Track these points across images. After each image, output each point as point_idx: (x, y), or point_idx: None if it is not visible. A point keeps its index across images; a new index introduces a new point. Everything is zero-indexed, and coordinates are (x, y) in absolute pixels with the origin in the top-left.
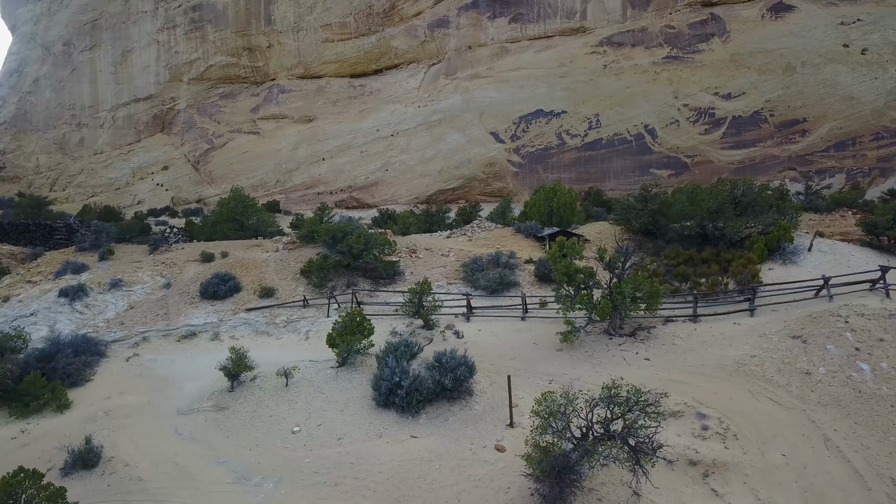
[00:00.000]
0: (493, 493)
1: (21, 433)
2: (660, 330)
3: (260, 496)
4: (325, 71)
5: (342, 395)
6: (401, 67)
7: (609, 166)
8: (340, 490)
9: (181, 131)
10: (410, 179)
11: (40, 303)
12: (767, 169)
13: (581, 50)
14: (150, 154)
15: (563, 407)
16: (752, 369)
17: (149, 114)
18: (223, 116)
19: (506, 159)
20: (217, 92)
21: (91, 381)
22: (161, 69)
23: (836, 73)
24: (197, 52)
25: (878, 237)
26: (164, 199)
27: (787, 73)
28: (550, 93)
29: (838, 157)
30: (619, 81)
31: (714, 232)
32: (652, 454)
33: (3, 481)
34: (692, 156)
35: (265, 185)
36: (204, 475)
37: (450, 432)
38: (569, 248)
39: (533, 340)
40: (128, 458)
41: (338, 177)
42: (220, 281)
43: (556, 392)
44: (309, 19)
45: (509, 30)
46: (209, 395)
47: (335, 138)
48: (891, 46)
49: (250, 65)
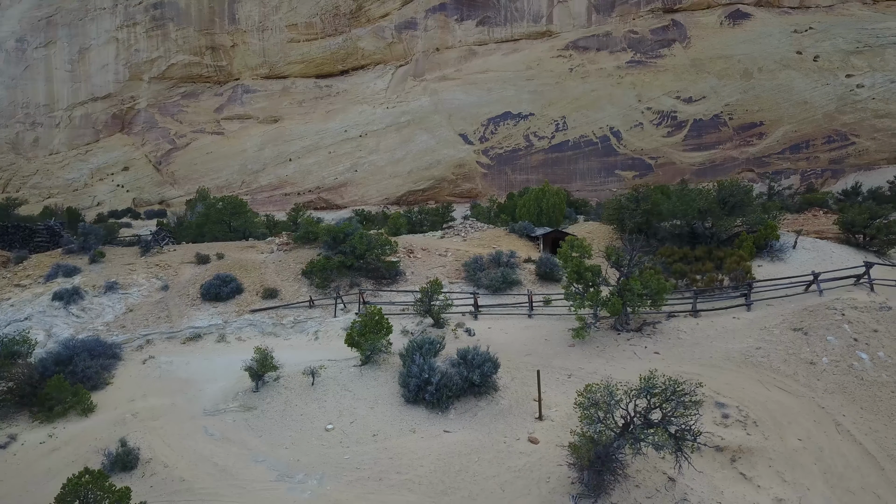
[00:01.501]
0: (534, 483)
1: (49, 437)
2: (664, 325)
3: (306, 493)
4: (290, 71)
5: (369, 392)
6: (368, 68)
7: (576, 168)
8: (385, 484)
9: (142, 131)
10: (380, 180)
11: (34, 307)
12: (727, 170)
13: (547, 53)
14: (109, 154)
15: (608, 398)
16: (759, 360)
17: (108, 113)
18: (186, 116)
19: (475, 161)
20: (179, 91)
21: (111, 385)
22: (120, 67)
23: (790, 78)
24: (158, 50)
25: (854, 235)
26: (126, 200)
27: (745, 78)
28: (518, 95)
29: (793, 159)
30: (585, 85)
31: (705, 231)
32: (693, 441)
33: (69, 482)
34: (656, 157)
35: (230, 186)
36: (245, 474)
37: (481, 426)
38: (579, 246)
39: (544, 337)
40: (165, 459)
41: (305, 178)
42: (222, 282)
43: (598, 384)
44: (274, 19)
45: (477, 33)
46: (234, 396)
47: (302, 139)
48: (840, 54)
49: (213, 64)
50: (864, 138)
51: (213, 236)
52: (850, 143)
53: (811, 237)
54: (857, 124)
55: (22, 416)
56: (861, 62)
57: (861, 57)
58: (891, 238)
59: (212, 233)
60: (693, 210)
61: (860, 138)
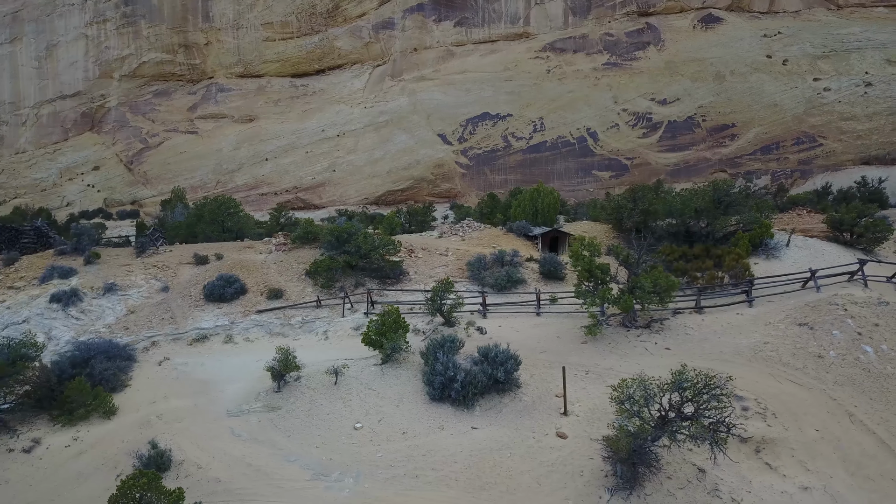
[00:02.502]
0: (569, 477)
1: (74, 441)
2: (671, 322)
3: (344, 491)
4: (265, 70)
5: (393, 390)
6: (344, 68)
7: (553, 168)
8: (422, 481)
9: (113, 130)
10: (359, 180)
11: (31, 309)
12: (701, 171)
13: (525, 55)
14: (79, 153)
15: (643, 393)
16: (769, 354)
17: (77, 111)
18: (158, 115)
19: (453, 161)
20: (151, 90)
21: (129, 387)
22: (90, 65)
23: (761, 81)
24: (129, 47)
25: (842, 233)
26: (97, 200)
27: (718, 80)
28: (496, 96)
29: (764, 160)
30: (562, 86)
31: (702, 229)
32: (727, 433)
33: (124, 484)
34: (631, 158)
35: (205, 186)
36: (279, 473)
37: (507, 422)
38: (590, 245)
39: (556, 334)
40: (198, 460)
41: (282, 177)
42: (226, 283)
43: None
44: (249, 17)
45: (455, 33)
46: (256, 397)
47: (278, 138)
48: (808, 58)
49: (187, 62)
50: (831, 140)
51: (206, 236)
52: (818, 144)
53: (799, 235)
54: (824, 126)
55: (41, 419)
56: (827, 66)
57: (827, 61)
58: (877, 236)
59: (205, 233)
60: (690, 209)
61: (827, 140)
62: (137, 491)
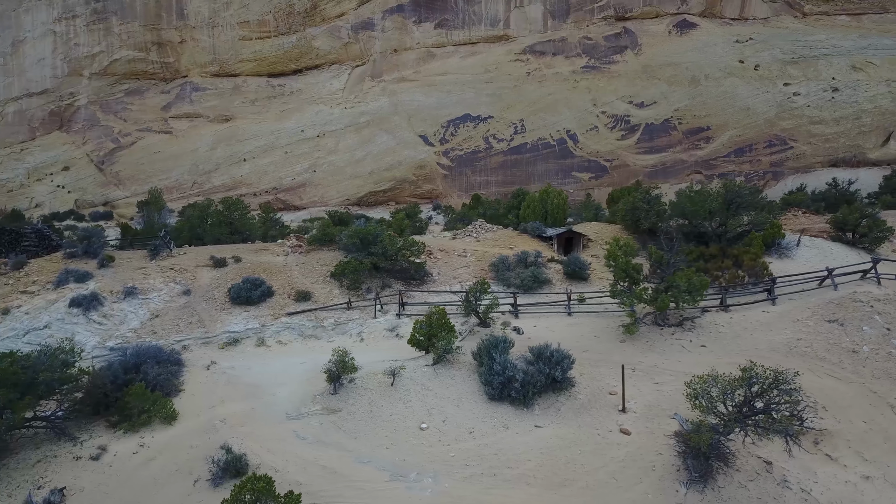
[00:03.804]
0: (642, 472)
1: (140, 447)
2: (701, 319)
3: (426, 491)
4: (241, 69)
5: (450, 391)
6: (322, 68)
7: (534, 169)
8: (501, 479)
9: (82, 129)
10: (341, 181)
11: (50, 314)
12: (677, 172)
13: (505, 57)
14: (47, 153)
15: (721, 388)
16: (804, 350)
17: (44, 110)
18: (130, 114)
19: (435, 162)
20: (122, 88)
21: (183, 391)
22: (59, 62)
23: (734, 86)
24: (100, 45)
25: (844, 233)
26: (67, 201)
27: (693, 84)
28: (477, 98)
29: (738, 161)
30: (542, 88)
31: (716, 229)
32: (801, 425)
33: (238, 488)
34: (611, 160)
35: (181, 187)
36: (356, 475)
37: (568, 420)
38: (626, 246)
39: (593, 333)
40: (273, 463)
41: (261, 178)
42: (252, 286)
43: (704, 376)
44: (225, 15)
45: (435, 35)
46: (312, 399)
47: (256, 138)
48: (779, 64)
49: (160, 60)
50: (802, 143)
51: (214, 238)
52: (789, 147)
53: (796, 235)
54: (794, 130)
55: (97, 425)
56: (797, 72)
57: (797, 67)
58: (878, 236)
59: (213, 235)
60: (704, 210)
61: (798, 143)
62: (252, 495)
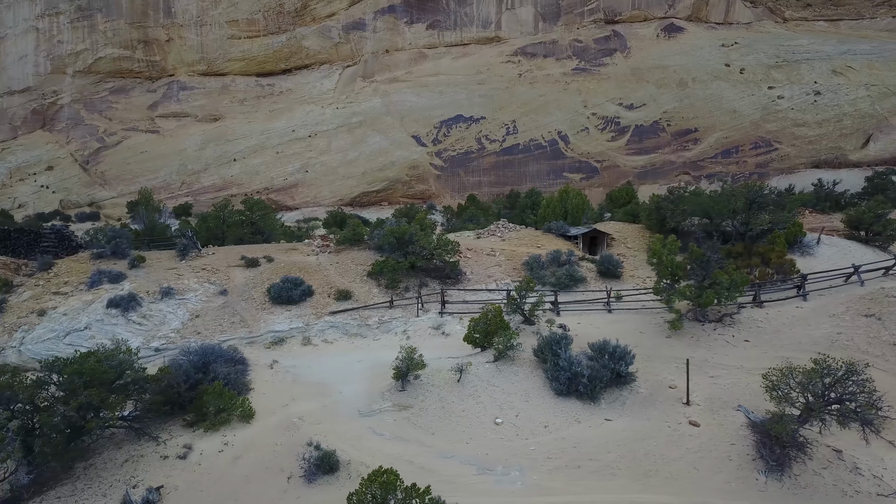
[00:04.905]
0: (720, 462)
1: (225, 446)
2: (739, 315)
3: (517, 484)
4: (230, 68)
5: (515, 386)
6: (312, 68)
7: (526, 170)
8: (586, 471)
9: (66, 128)
10: (333, 181)
11: (89, 315)
12: (666, 173)
13: (497, 59)
14: (30, 153)
15: (800, 380)
16: (845, 344)
17: (27, 108)
18: (115, 113)
19: (428, 162)
20: (107, 86)
21: (253, 390)
22: (41, 60)
23: (720, 89)
24: (84, 42)
25: (858, 231)
26: (52, 202)
27: (681, 87)
28: (469, 99)
29: (724, 163)
30: (534, 90)
31: (735, 229)
32: (876, 414)
33: (366, 482)
34: (601, 161)
35: (169, 187)
36: (443, 470)
37: (635, 413)
38: (671, 244)
39: (638, 330)
40: (361, 459)
41: (252, 178)
42: (293, 285)
43: (780, 369)
44: (214, 14)
45: (427, 36)
46: (381, 396)
47: (246, 138)
48: (763, 67)
49: (146, 59)
50: (786, 145)
51: (236, 238)
52: (774, 148)
53: (818, 233)
54: (779, 132)
55: (172, 424)
56: (780, 76)
57: (780, 71)
58: (892, 234)
59: (235, 235)
60: (728, 210)
61: (782, 145)
62: (380, 488)
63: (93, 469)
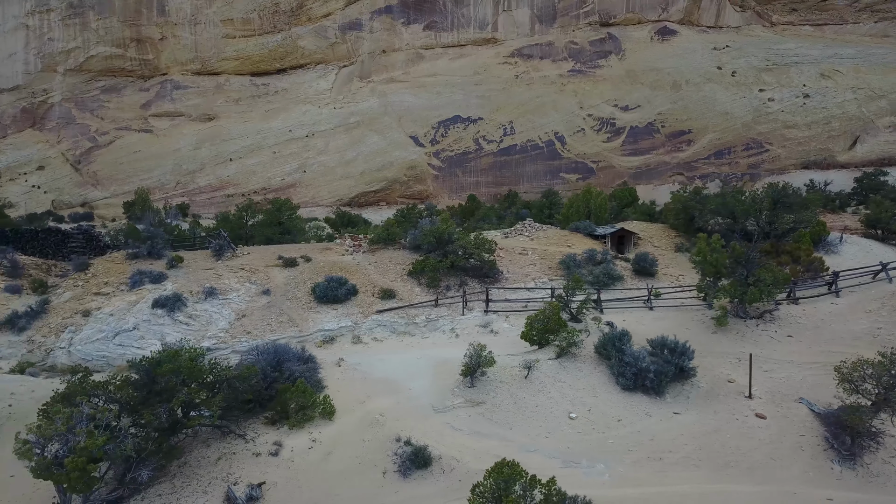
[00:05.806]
0: (793, 452)
1: (313, 443)
2: (777, 312)
3: (605, 476)
4: (224, 68)
5: (582, 382)
6: (308, 68)
7: (523, 170)
8: (668, 463)
9: (57, 127)
10: (332, 181)
11: (135, 315)
12: (661, 174)
13: (494, 60)
14: (20, 152)
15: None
16: (886, 338)
17: (16, 107)
18: (107, 112)
19: (426, 163)
20: (98, 85)
21: (327, 388)
22: (31, 57)
23: (713, 91)
24: (76, 40)
25: (876, 230)
26: (44, 202)
27: (674, 89)
28: (467, 100)
29: (717, 164)
30: (531, 91)
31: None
32: None
33: (490, 473)
34: (597, 161)
35: (163, 188)
36: (529, 463)
37: (700, 407)
38: (715, 243)
39: (684, 326)
40: (450, 453)
41: (249, 178)
42: (338, 284)
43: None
44: (208, 13)
45: (424, 36)
46: (452, 392)
47: (242, 138)
48: (753, 70)
49: (139, 57)
50: (776, 146)
51: (265, 238)
52: (765, 150)
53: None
54: (770, 134)
55: (254, 422)
56: (771, 78)
57: (770, 74)
58: None
59: (263, 235)
60: (754, 209)
61: (773, 146)
62: (503, 480)
63: (188, 467)
